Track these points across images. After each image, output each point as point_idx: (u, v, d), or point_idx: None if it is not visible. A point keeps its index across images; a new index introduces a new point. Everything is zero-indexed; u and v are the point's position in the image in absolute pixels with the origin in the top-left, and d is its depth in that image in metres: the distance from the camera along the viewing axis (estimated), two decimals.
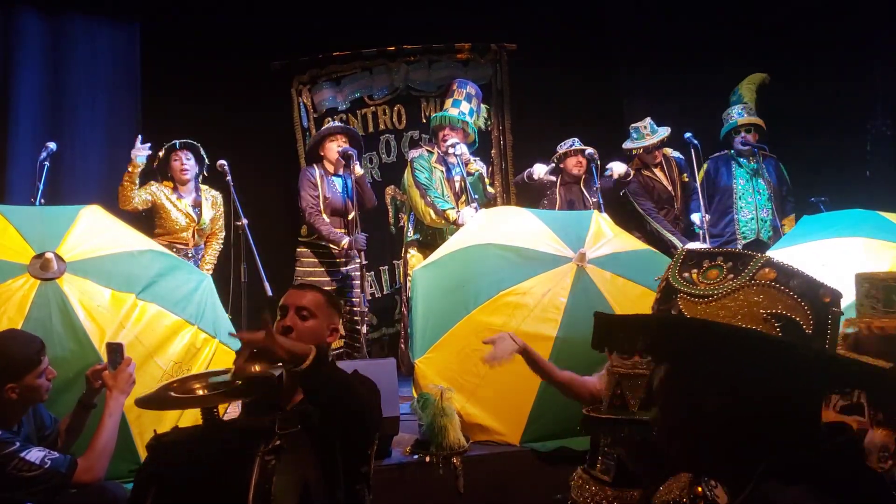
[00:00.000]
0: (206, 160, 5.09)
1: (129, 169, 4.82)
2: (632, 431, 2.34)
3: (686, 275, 1.14)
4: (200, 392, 2.04)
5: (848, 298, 2.19)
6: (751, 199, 5.73)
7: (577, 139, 5.75)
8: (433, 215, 4.97)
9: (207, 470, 1.82)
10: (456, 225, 4.88)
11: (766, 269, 1.06)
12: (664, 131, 5.68)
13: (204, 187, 5.15)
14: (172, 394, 2.04)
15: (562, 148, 5.72)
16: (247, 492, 1.72)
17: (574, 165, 5.65)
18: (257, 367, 1.88)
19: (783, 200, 5.78)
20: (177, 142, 5.01)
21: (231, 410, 2.61)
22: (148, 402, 2.11)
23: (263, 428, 1.85)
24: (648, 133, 5.69)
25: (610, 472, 2.49)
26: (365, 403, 1.96)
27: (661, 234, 5.53)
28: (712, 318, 1.08)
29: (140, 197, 4.86)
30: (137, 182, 4.87)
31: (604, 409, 2.50)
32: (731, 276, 1.09)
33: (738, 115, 5.80)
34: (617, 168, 5.50)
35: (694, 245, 5.41)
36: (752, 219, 5.70)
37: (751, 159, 5.78)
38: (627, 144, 5.79)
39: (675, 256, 1.19)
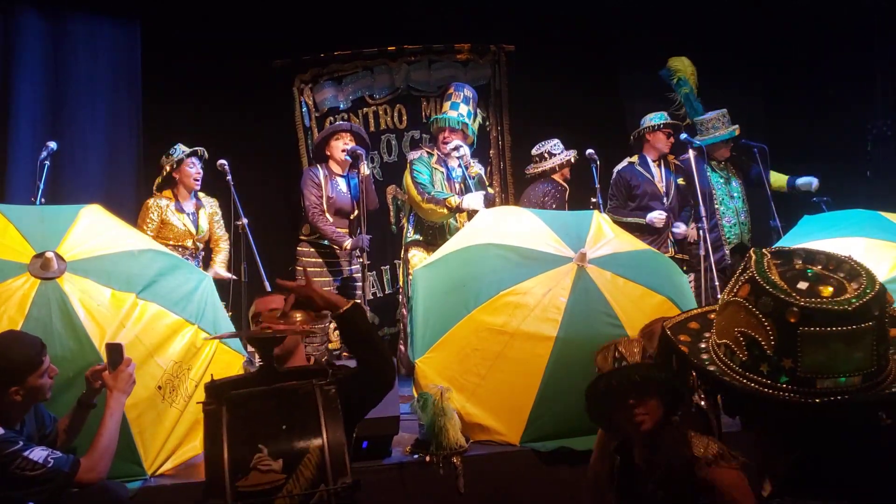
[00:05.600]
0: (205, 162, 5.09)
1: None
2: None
3: (736, 276, 1.13)
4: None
5: None
6: (730, 204, 5.76)
7: (561, 145, 5.74)
8: (436, 208, 4.95)
9: (273, 399, 1.96)
10: (460, 210, 4.87)
11: (745, 285, 1.05)
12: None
13: (201, 194, 5.13)
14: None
15: (556, 151, 5.72)
16: (317, 411, 1.86)
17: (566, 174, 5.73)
18: (299, 316, 2.16)
19: (766, 203, 5.76)
20: (196, 149, 5.00)
21: None
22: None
23: (315, 368, 2.05)
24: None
25: None
26: (388, 360, 2.18)
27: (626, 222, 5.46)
28: (717, 329, 1.09)
29: (151, 225, 4.92)
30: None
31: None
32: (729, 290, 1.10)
33: (728, 123, 5.76)
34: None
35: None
36: (735, 223, 5.73)
37: (720, 164, 5.80)
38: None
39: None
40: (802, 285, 1.01)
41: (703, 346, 1.11)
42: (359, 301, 2.40)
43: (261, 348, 2.05)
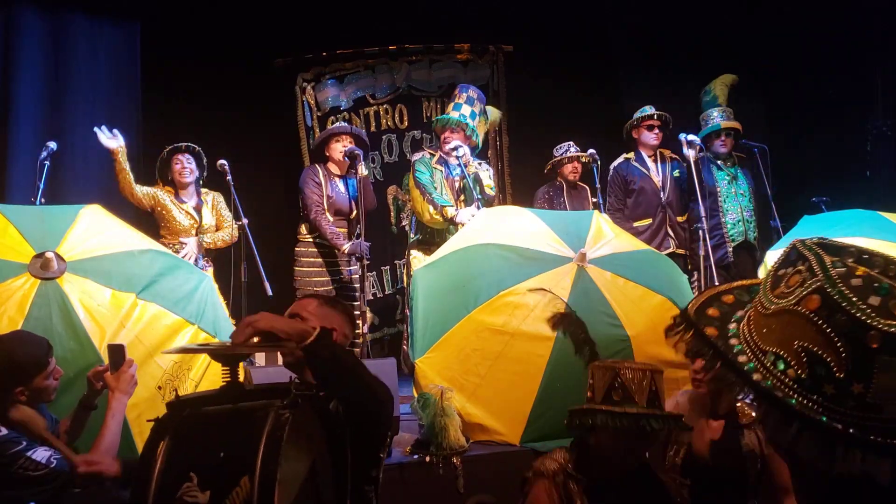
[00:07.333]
0: (206, 164, 5.08)
1: (114, 158, 4.81)
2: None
3: (781, 272, 1.01)
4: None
5: None
6: (735, 202, 5.77)
7: (572, 143, 5.76)
8: (431, 211, 4.96)
9: (222, 422, 1.80)
10: (453, 223, 4.88)
11: (813, 296, 0.94)
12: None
13: (204, 190, 5.12)
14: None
15: (557, 153, 5.76)
16: (259, 440, 1.66)
17: (571, 172, 5.73)
18: (257, 340, 1.89)
19: (766, 203, 5.77)
20: (180, 144, 5.00)
21: None
22: (172, 350, 2.47)
23: (281, 387, 1.83)
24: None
25: None
26: (377, 393, 1.94)
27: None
28: (758, 329, 0.99)
29: (141, 190, 4.89)
30: (128, 167, 4.86)
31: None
32: (789, 292, 0.97)
33: (719, 117, 5.83)
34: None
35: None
36: (739, 220, 5.74)
37: (727, 162, 5.83)
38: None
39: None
40: (874, 300, 0.91)
41: (733, 341, 1.02)
42: (333, 329, 2.12)
43: (225, 365, 1.88)
